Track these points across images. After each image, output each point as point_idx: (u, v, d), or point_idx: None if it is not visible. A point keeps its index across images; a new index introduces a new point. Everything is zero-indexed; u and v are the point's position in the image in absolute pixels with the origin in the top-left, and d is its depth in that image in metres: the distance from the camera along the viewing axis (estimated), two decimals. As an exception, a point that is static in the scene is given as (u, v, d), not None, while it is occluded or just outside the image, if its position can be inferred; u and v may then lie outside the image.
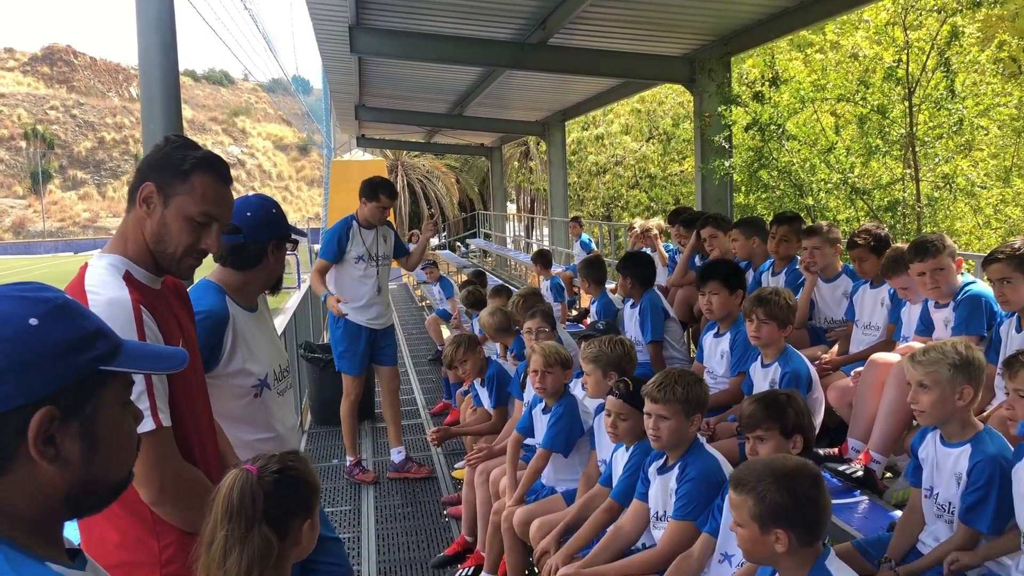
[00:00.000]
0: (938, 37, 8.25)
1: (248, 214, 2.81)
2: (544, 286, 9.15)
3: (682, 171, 21.05)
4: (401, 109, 17.90)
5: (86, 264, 2.13)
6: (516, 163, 35.55)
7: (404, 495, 6.14)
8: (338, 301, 5.86)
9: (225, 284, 2.80)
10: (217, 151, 2.42)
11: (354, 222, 6.12)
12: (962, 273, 4.20)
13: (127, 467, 1.21)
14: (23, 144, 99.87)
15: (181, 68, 5.38)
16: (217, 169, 2.17)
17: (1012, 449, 2.78)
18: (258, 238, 2.81)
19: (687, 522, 3.09)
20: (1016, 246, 3.74)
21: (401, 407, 6.72)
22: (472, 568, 4.74)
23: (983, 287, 4.06)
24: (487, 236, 27.04)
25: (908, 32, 8.47)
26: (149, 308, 2.07)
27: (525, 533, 4.06)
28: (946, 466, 2.93)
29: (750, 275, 5.99)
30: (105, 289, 2.03)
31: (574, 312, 9.15)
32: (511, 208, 39.81)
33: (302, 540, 1.89)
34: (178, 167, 2.10)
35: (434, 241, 40.83)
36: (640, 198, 22.38)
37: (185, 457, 2.15)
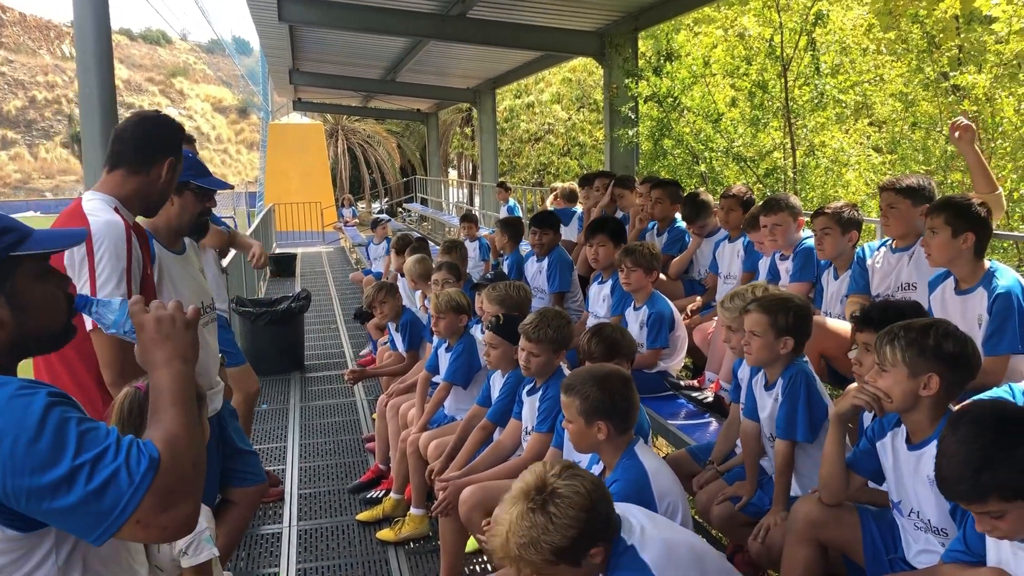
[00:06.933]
0: (807, 20, 9.08)
1: None
2: (472, 246, 9.72)
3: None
4: (335, 74, 18.08)
5: (80, 197, 2.78)
6: (457, 129, 35.77)
7: (327, 435, 6.69)
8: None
9: (150, 227, 3.30)
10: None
11: None
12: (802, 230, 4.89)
13: (58, 322, 1.67)
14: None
15: (116, 27, 5.61)
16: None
17: (813, 374, 3.36)
18: None
19: (544, 434, 3.70)
20: (839, 206, 4.42)
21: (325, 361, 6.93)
22: (384, 491, 5.30)
23: (816, 242, 4.74)
24: (424, 201, 27.41)
25: (781, 14, 9.26)
26: (136, 234, 2.74)
27: (427, 456, 4.64)
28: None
29: (652, 237, 6.60)
30: (102, 213, 2.67)
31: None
32: (453, 174, 40.05)
33: None
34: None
35: (375, 206, 41.01)
36: (571, 165, 23.00)
37: None
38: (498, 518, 2.19)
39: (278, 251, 18.57)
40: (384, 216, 12.70)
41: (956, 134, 4.01)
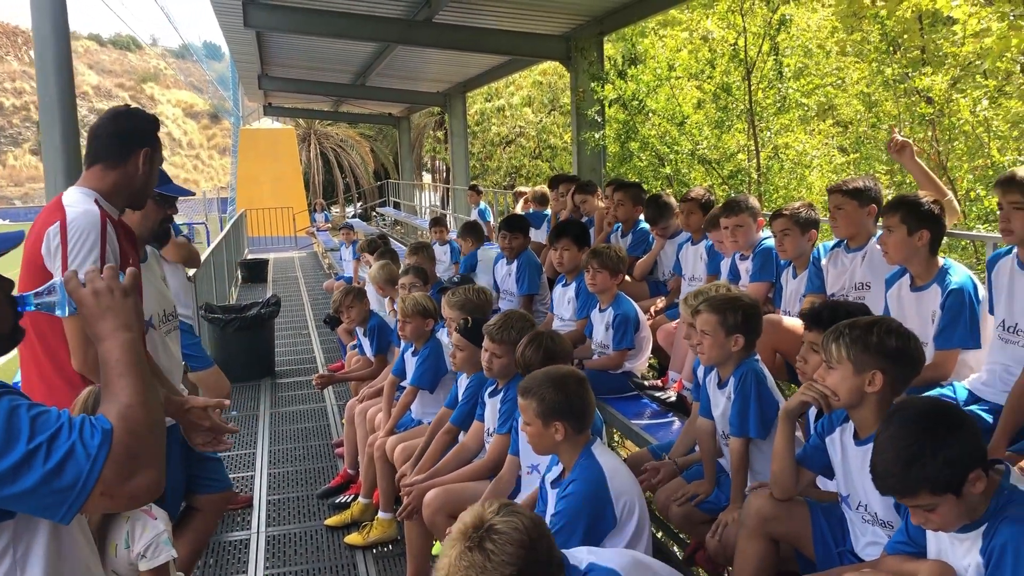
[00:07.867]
0: (770, 25, 9.25)
1: None
2: (443, 249, 9.76)
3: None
4: (304, 79, 18.04)
5: (61, 193, 2.82)
6: (430, 132, 35.71)
7: (296, 440, 6.69)
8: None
9: None
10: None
11: None
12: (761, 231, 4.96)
13: (4, 327, 1.65)
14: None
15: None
16: None
17: (765, 372, 3.43)
18: None
19: (506, 435, 3.73)
20: (796, 207, 4.50)
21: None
22: (352, 496, 5.30)
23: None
24: (396, 205, 27.38)
25: (745, 18, 9.42)
26: (113, 225, 2.77)
27: (394, 460, 4.66)
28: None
29: (617, 239, 6.66)
30: (80, 204, 2.72)
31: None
32: (427, 178, 40.01)
33: None
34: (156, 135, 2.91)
35: (349, 210, 40.86)
36: (542, 167, 23.10)
37: None
38: (438, 563, 2.10)
39: (250, 257, 18.49)
40: (350, 221, 12.74)
41: (895, 151, 4.12)
